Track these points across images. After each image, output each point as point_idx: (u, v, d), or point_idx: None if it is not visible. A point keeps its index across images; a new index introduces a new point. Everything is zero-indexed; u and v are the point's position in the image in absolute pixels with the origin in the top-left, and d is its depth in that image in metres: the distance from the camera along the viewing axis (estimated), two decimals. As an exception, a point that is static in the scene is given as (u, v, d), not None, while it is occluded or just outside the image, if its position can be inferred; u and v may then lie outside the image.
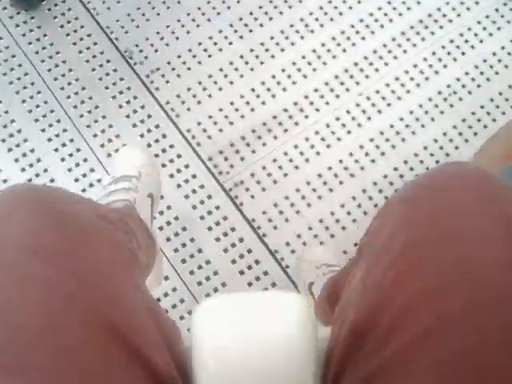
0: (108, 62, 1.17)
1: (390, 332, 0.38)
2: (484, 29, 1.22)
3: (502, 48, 1.20)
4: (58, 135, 1.10)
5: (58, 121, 1.11)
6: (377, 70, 1.18)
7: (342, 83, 1.17)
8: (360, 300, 0.43)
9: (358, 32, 1.21)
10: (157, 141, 1.10)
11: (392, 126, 1.13)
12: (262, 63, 1.18)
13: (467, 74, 1.18)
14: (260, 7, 1.23)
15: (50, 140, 1.10)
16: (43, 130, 1.10)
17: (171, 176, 1.07)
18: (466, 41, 1.21)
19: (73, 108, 1.13)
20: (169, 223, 1.04)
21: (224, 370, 0.41)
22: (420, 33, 1.21)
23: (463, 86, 1.17)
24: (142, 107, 1.13)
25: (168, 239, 1.03)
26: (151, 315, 0.44)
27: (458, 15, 1.23)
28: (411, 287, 0.38)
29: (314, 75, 1.17)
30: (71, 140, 1.10)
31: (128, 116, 1.13)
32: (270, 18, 1.22)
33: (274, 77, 1.17)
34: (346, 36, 1.21)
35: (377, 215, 0.50)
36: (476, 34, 1.21)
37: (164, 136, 1.11)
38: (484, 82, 1.17)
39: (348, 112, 1.14)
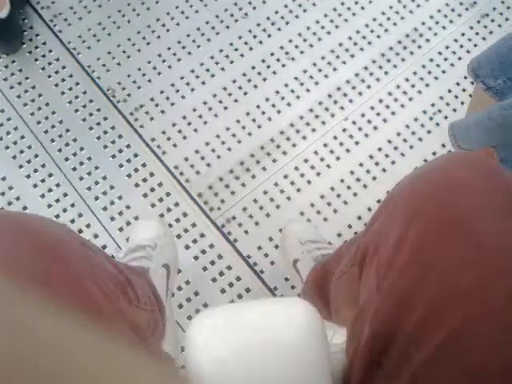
0: (91, 101, 1.16)
1: (413, 342, 0.36)
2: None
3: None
4: (43, 180, 1.08)
5: (43, 165, 1.09)
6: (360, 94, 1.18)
7: (327, 109, 1.16)
8: (377, 307, 0.40)
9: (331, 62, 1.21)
10: (144, 180, 1.09)
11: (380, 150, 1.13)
12: (245, 94, 1.18)
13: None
14: (240, 37, 1.23)
15: (35, 186, 1.08)
16: (28, 176, 1.08)
17: (161, 216, 1.05)
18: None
19: (58, 152, 1.11)
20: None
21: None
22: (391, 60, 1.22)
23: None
24: (128, 146, 1.12)
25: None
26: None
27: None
28: (431, 289, 0.36)
29: (299, 103, 1.17)
30: (57, 185, 1.08)
31: (114, 156, 1.11)
32: (250, 49, 1.22)
33: (258, 107, 1.17)
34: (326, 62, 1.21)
35: (378, 213, 0.48)
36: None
37: (152, 174, 1.09)
38: None
39: (335, 138, 1.14)
